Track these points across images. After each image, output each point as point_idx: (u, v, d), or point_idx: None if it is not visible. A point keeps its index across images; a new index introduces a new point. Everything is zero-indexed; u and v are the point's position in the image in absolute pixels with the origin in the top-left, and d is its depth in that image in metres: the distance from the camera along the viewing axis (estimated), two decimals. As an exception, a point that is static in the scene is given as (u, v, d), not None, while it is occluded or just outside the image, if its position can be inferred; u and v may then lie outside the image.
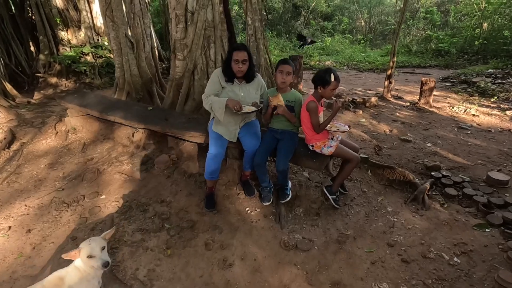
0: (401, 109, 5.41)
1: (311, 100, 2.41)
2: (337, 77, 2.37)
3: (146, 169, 3.51)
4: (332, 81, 2.33)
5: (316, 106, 2.39)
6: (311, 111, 2.40)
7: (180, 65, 3.93)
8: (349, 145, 2.68)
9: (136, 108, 4.02)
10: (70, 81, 8.05)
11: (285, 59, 2.54)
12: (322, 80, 2.36)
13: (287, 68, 2.47)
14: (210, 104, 2.62)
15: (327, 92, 2.38)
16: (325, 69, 2.39)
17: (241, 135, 2.75)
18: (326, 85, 2.35)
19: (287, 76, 2.48)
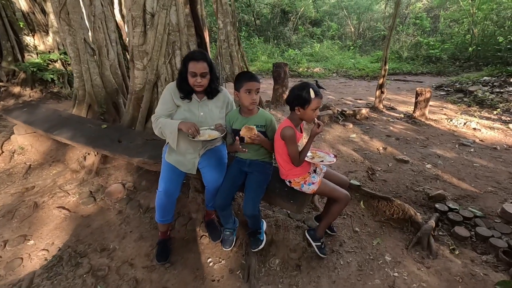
0: (395, 121, 4.93)
1: (287, 125, 1.86)
2: (318, 92, 1.83)
3: (95, 201, 2.89)
4: (313, 99, 1.79)
5: (293, 133, 1.84)
6: (288, 139, 1.85)
7: (140, 75, 3.34)
8: (336, 178, 2.14)
9: (88, 126, 3.41)
10: (36, 90, 7.35)
11: (250, 74, 1.98)
12: (299, 99, 1.82)
13: (256, 86, 1.93)
14: (160, 129, 2.05)
15: (308, 113, 1.84)
16: (300, 85, 1.85)
17: (201, 165, 2.18)
18: (306, 105, 1.81)
19: (257, 95, 1.94)
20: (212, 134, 2.03)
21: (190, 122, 1.95)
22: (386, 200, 2.65)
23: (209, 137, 2.00)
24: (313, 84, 1.85)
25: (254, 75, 1.95)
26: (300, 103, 1.82)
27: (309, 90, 1.79)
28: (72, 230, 2.54)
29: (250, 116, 2.02)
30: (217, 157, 2.20)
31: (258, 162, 2.09)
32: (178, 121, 1.99)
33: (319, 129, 1.86)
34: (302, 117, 1.88)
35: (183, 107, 2.10)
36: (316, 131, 1.86)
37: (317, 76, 9.74)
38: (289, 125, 1.86)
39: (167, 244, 2.25)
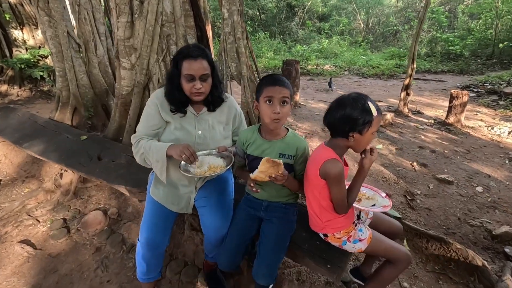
0: (425, 129, 4.28)
1: (331, 158, 1.24)
2: (379, 107, 1.23)
3: (68, 233, 2.32)
4: (375, 117, 1.19)
5: (342, 170, 1.23)
6: (334, 179, 1.24)
7: (127, 76, 2.74)
8: (386, 225, 1.53)
9: (66, 137, 2.83)
10: (24, 89, 6.80)
11: (274, 77, 1.33)
12: (355, 121, 1.18)
13: (282, 92, 1.27)
14: (142, 155, 1.46)
15: (367, 139, 1.23)
16: (352, 98, 1.22)
17: (198, 204, 1.59)
18: (366, 128, 1.19)
19: (283, 107, 1.29)
20: (215, 164, 1.43)
21: (183, 144, 1.35)
22: (439, 241, 2.04)
23: (210, 170, 1.40)
24: (369, 96, 1.23)
25: (280, 78, 1.32)
26: (357, 127, 1.19)
27: (369, 105, 1.18)
28: (34, 277, 1.97)
29: (274, 140, 1.40)
30: (220, 192, 1.60)
31: (279, 205, 1.48)
32: (167, 144, 1.39)
33: (374, 156, 1.26)
34: (355, 146, 1.26)
35: (174, 123, 1.50)
36: (372, 159, 1.26)
37: (328, 75, 9.08)
38: (333, 157, 1.24)
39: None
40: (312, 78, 9.17)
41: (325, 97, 6.49)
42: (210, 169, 1.40)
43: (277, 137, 1.40)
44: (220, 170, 1.39)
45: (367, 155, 1.26)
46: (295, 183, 1.38)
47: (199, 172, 1.38)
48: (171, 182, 1.56)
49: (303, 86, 7.66)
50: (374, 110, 1.17)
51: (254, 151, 1.42)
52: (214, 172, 1.38)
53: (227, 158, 1.47)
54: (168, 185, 1.55)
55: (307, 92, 7.15)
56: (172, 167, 1.51)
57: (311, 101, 6.12)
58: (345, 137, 1.23)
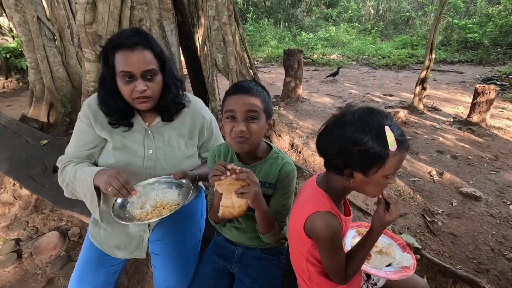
0: (444, 129, 3.77)
1: (320, 211, 0.80)
2: (404, 137, 0.77)
3: (19, 259, 1.96)
4: (392, 153, 0.73)
5: (337, 230, 0.80)
6: (324, 243, 0.81)
7: (93, 69, 2.31)
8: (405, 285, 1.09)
9: (24, 141, 2.43)
10: (11, 80, 6.45)
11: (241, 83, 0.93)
12: (357, 152, 0.74)
13: (247, 103, 0.88)
14: (67, 186, 1.08)
15: (375, 182, 0.78)
16: (364, 113, 0.76)
17: (152, 248, 1.19)
18: (375, 166, 0.75)
19: (250, 123, 0.89)
20: (164, 201, 1.02)
21: (110, 172, 0.95)
22: (471, 285, 1.61)
23: (155, 211, 0.98)
24: (388, 116, 0.77)
25: (246, 85, 0.91)
26: (358, 163, 0.75)
27: (385, 131, 0.72)
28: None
29: (252, 163, 1.00)
30: (181, 233, 1.19)
31: (257, 254, 1.07)
32: (96, 170, 0.99)
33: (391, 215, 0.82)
34: (359, 190, 0.82)
35: (113, 141, 1.08)
36: (386, 219, 0.82)
37: (335, 65, 8.49)
38: (324, 208, 0.81)
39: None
40: (317, 68, 8.59)
41: (331, 90, 5.97)
42: (155, 210, 0.97)
43: (256, 160, 0.99)
44: (169, 210, 0.97)
45: (379, 209, 0.83)
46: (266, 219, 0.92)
47: (139, 215, 0.96)
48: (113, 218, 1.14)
49: (307, 78, 7.13)
50: (393, 140, 0.72)
51: None
52: (160, 214, 0.96)
53: (184, 192, 1.04)
54: (112, 222, 1.14)
55: (311, 84, 6.63)
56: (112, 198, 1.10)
57: (315, 94, 5.61)
58: (339, 174, 0.79)
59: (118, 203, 1.00)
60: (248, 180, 0.81)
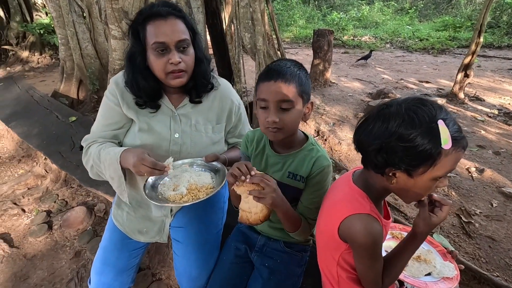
0: (487, 121, 3.44)
1: (359, 213, 0.71)
2: (461, 133, 0.65)
3: (49, 231, 2.06)
4: (445, 152, 0.62)
5: (378, 235, 0.71)
6: (363, 249, 0.72)
7: (119, 46, 2.29)
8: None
9: (55, 117, 2.50)
10: (45, 55, 6.69)
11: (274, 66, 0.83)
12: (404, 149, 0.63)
13: (280, 92, 0.79)
14: (92, 168, 1.06)
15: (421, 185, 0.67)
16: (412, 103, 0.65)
17: (173, 234, 1.17)
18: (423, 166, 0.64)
19: (284, 113, 0.80)
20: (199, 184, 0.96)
21: (137, 153, 0.90)
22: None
23: (190, 194, 0.93)
24: (443, 109, 0.65)
25: (279, 69, 0.81)
26: (403, 161, 0.65)
27: (438, 125, 0.61)
28: (2, 284, 1.72)
29: (285, 153, 0.93)
30: (204, 221, 1.15)
31: (280, 246, 1.02)
32: (120, 151, 0.94)
33: (438, 217, 0.72)
34: (400, 193, 0.72)
35: (140, 122, 1.03)
36: (433, 222, 0.72)
37: (367, 47, 7.98)
38: (364, 210, 0.72)
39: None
40: (347, 51, 8.13)
41: (361, 74, 5.64)
42: (190, 193, 0.93)
43: (291, 149, 0.92)
44: (206, 193, 0.92)
45: (424, 212, 0.72)
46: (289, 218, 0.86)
47: (173, 197, 0.92)
48: (139, 201, 1.13)
49: (336, 60, 6.78)
50: (448, 137, 0.61)
51: (257, 165, 0.97)
52: (196, 198, 0.91)
53: (219, 174, 0.99)
54: (135, 205, 1.13)
55: (340, 67, 6.30)
56: (139, 179, 1.08)
57: (344, 78, 5.33)
58: (379, 173, 0.69)
59: (149, 183, 0.96)
60: (262, 184, 0.74)
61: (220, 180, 0.95)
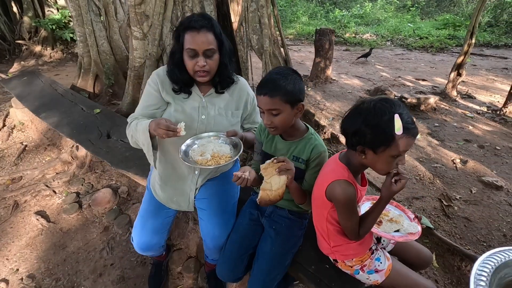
0: (475, 118, 3.70)
1: (340, 179, 0.99)
2: (412, 125, 0.91)
3: (80, 209, 2.34)
4: (398, 137, 0.88)
5: (352, 194, 0.98)
6: (342, 205, 1.01)
7: (140, 46, 2.54)
8: (412, 253, 1.27)
9: (80, 109, 2.77)
10: (57, 50, 6.92)
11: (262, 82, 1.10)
12: (369, 133, 0.92)
13: (266, 104, 1.07)
14: (132, 137, 1.31)
15: (382, 160, 0.94)
16: (379, 102, 0.92)
17: (198, 204, 1.43)
18: (382, 147, 0.92)
19: (275, 117, 1.08)
20: (220, 153, 1.20)
21: (158, 119, 1.15)
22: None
23: (213, 159, 1.18)
24: (401, 106, 0.92)
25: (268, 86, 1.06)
26: (370, 141, 0.92)
27: (393, 117, 0.87)
28: (44, 252, 2.01)
29: (290, 140, 1.20)
30: (223, 194, 1.43)
31: (284, 214, 1.29)
32: (148, 123, 1.19)
33: (397, 186, 0.94)
34: (371, 166, 0.99)
35: (175, 105, 1.30)
36: (392, 189, 0.95)
37: (368, 45, 8.18)
38: (343, 177, 0.99)
39: (162, 268, 1.74)
40: (348, 48, 8.33)
41: (361, 72, 5.87)
42: (214, 159, 1.17)
43: (295, 137, 1.18)
44: (225, 161, 1.17)
45: (387, 181, 0.96)
46: (299, 191, 1.14)
47: (201, 160, 1.17)
48: (170, 174, 1.40)
49: (337, 58, 6.99)
50: (400, 126, 0.86)
51: (269, 148, 1.25)
52: (217, 163, 1.16)
53: (236, 147, 1.23)
54: (168, 177, 1.40)
55: (341, 65, 6.52)
56: (170, 157, 1.35)
57: (344, 76, 5.56)
58: (354, 150, 0.97)
59: (183, 150, 1.20)
60: (286, 162, 1.01)
61: (237, 152, 1.19)
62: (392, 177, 0.95)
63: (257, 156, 1.32)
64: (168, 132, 1.10)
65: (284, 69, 1.11)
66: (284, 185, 1.04)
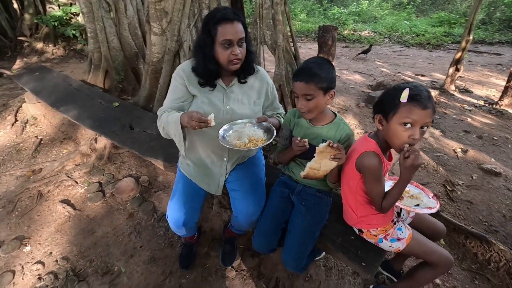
0: (473, 111, 3.88)
1: (368, 150, 1.13)
2: (420, 97, 1.03)
3: (103, 197, 2.44)
4: (403, 104, 1.03)
5: (378, 164, 1.12)
6: (368, 172, 1.14)
7: (158, 42, 2.64)
8: (428, 225, 1.43)
9: (98, 103, 2.86)
10: (59, 47, 6.92)
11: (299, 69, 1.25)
12: (383, 100, 1.11)
13: (300, 89, 1.22)
14: (164, 129, 1.41)
15: (393, 129, 1.08)
16: (400, 83, 1.10)
17: (230, 186, 1.55)
18: (391, 113, 1.06)
19: (309, 101, 1.22)
20: (255, 136, 1.30)
21: (189, 112, 1.24)
22: (480, 240, 1.91)
23: (251, 142, 1.27)
24: (419, 85, 1.06)
25: (305, 73, 1.20)
26: (381, 108, 1.10)
27: (403, 89, 1.03)
28: (74, 237, 2.12)
29: (319, 125, 1.33)
30: (253, 176, 1.55)
31: (313, 192, 1.42)
32: (180, 114, 1.29)
33: (408, 161, 1.04)
34: (386, 137, 1.13)
35: (201, 97, 1.40)
36: (405, 165, 1.05)
37: (366, 42, 8.35)
38: (371, 149, 1.13)
39: (193, 248, 1.89)
40: (348, 45, 8.50)
41: (362, 67, 6.03)
42: (251, 142, 1.27)
43: (323, 122, 1.32)
44: (262, 142, 1.27)
45: (400, 158, 1.06)
46: (337, 172, 1.28)
47: (239, 144, 1.27)
48: (200, 161, 1.52)
49: (338, 54, 7.14)
50: (405, 95, 1.01)
51: (299, 133, 1.37)
52: (255, 145, 1.26)
53: (268, 131, 1.33)
54: (198, 164, 1.52)
55: (341, 61, 6.67)
56: (200, 145, 1.47)
57: (345, 71, 5.71)
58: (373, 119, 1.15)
59: (221, 135, 1.30)
60: (342, 150, 1.12)
61: (270, 135, 1.29)
62: (404, 153, 1.05)
63: (284, 141, 1.44)
64: (201, 124, 1.19)
65: (319, 59, 1.24)
66: (331, 169, 1.17)
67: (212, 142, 1.43)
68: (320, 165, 1.16)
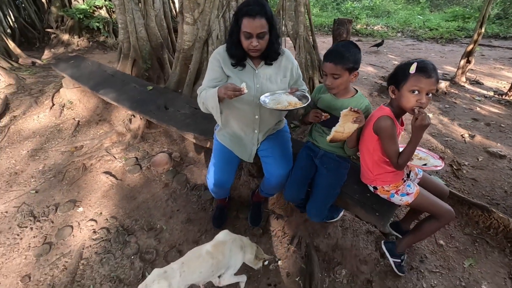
0: (482, 101, 4.04)
1: (384, 115, 1.37)
2: (427, 69, 1.26)
3: (141, 170, 2.74)
4: (411, 75, 1.27)
5: (392, 125, 1.36)
6: (384, 133, 1.38)
7: (189, 31, 2.91)
8: (433, 186, 1.66)
9: (133, 87, 3.15)
10: (83, 38, 7.28)
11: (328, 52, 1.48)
12: (394, 75, 1.37)
13: (329, 69, 1.46)
14: (203, 104, 1.63)
15: (404, 96, 1.32)
16: (413, 59, 1.34)
17: (262, 154, 1.81)
18: (402, 83, 1.31)
19: (335, 79, 1.47)
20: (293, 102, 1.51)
21: (222, 88, 1.44)
22: (481, 209, 2.13)
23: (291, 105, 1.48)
24: (426, 60, 1.30)
25: (333, 55, 1.45)
26: (394, 80, 1.36)
27: (410, 63, 1.29)
28: (119, 201, 2.42)
29: (342, 98, 1.57)
30: (282, 144, 1.81)
31: (333, 156, 1.67)
32: (216, 89, 1.49)
33: (418, 121, 1.26)
34: (399, 103, 1.37)
35: (234, 77, 1.63)
36: (415, 124, 1.28)
37: (379, 36, 8.45)
38: (387, 114, 1.37)
39: (224, 211, 2.17)
40: (360, 39, 8.61)
41: (374, 60, 6.19)
42: (290, 105, 1.49)
43: (346, 96, 1.55)
44: (301, 105, 1.48)
45: (412, 120, 1.29)
46: (354, 138, 1.53)
47: (280, 106, 1.48)
48: (234, 133, 1.77)
49: (350, 48, 7.29)
50: (414, 68, 1.25)
51: (323, 105, 1.61)
52: (295, 106, 1.47)
53: (303, 97, 1.54)
54: (233, 134, 1.77)
55: (354, 54, 6.83)
56: (234, 120, 1.70)
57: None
58: (387, 90, 1.40)
59: (262, 100, 1.52)
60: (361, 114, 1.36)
61: (306, 100, 1.51)
62: (415, 115, 1.28)
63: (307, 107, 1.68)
64: (235, 92, 1.41)
65: (348, 43, 1.48)
66: (353, 131, 1.41)
67: (244, 117, 1.68)
68: (344, 128, 1.40)
